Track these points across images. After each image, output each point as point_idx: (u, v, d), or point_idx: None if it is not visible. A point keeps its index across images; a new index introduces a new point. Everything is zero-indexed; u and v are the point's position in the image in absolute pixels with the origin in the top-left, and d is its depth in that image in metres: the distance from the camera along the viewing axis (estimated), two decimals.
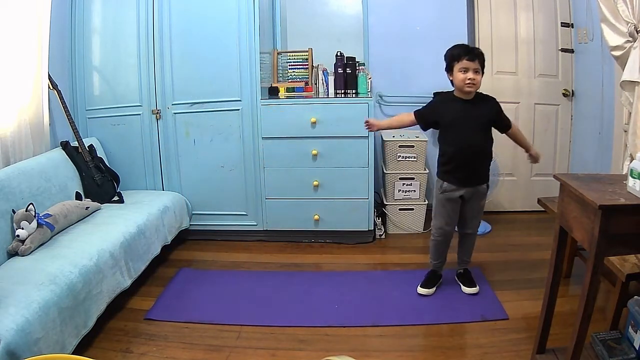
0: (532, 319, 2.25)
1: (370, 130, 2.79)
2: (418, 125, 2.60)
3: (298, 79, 3.56)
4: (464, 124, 2.43)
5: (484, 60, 2.41)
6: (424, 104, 2.59)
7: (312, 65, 3.53)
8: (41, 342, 1.76)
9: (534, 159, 2.60)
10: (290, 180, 3.27)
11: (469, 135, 2.42)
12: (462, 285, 2.65)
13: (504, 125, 2.54)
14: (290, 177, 3.26)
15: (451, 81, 2.46)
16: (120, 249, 2.44)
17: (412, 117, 2.57)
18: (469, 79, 2.34)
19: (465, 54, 2.36)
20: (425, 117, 2.54)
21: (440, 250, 2.64)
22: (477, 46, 3.67)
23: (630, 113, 2.51)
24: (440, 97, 2.60)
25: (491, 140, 2.50)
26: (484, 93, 2.50)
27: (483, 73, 2.43)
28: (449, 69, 2.44)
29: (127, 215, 2.75)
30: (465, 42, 3.65)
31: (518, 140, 2.61)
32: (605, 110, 3.16)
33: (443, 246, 2.63)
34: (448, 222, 2.56)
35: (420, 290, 2.61)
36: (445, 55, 2.47)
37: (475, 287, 2.62)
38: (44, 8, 2.82)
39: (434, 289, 2.63)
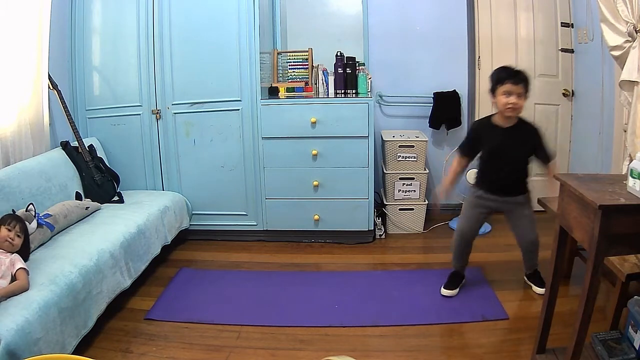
0: (532, 319, 2.24)
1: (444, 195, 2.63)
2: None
3: (298, 79, 3.56)
4: (504, 154, 2.41)
5: (528, 84, 2.36)
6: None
7: (312, 65, 3.53)
8: (41, 342, 1.76)
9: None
10: (290, 180, 3.27)
11: (507, 161, 2.42)
12: (532, 286, 2.62)
13: (543, 158, 2.45)
14: (290, 177, 3.26)
15: (494, 104, 2.43)
16: (120, 249, 2.44)
17: (460, 160, 2.53)
18: (511, 103, 2.30)
19: (509, 77, 2.31)
20: (470, 154, 2.53)
21: (460, 252, 2.63)
22: (476, 46, 3.68)
23: (629, 113, 2.51)
24: (478, 125, 2.56)
25: (527, 162, 2.48)
26: (527, 120, 2.46)
27: (527, 97, 2.38)
28: (493, 92, 2.39)
29: (127, 215, 2.75)
30: (466, 43, 3.69)
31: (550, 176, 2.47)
32: (605, 110, 3.16)
33: (462, 248, 2.62)
34: (470, 226, 2.57)
35: (444, 291, 2.59)
36: (490, 77, 2.43)
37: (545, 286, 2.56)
38: (44, 8, 2.82)
39: (457, 290, 2.62)
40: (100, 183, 3.03)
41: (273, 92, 3.45)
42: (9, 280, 1.89)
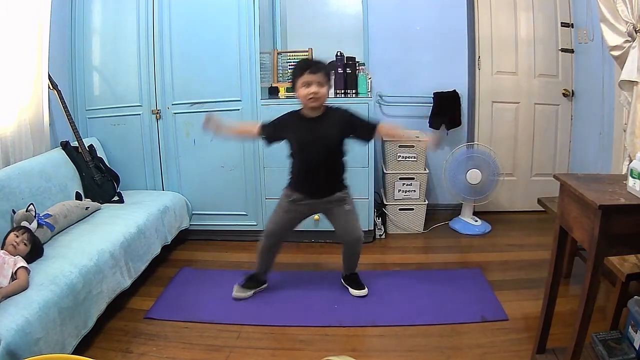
0: (532, 319, 2.24)
1: (209, 127, 2.42)
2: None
3: None
4: (309, 144, 2.34)
5: (328, 74, 2.31)
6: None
7: None
8: (41, 342, 1.76)
9: (434, 143, 2.40)
10: None
11: (314, 154, 2.34)
12: (349, 288, 2.60)
13: (366, 131, 2.38)
14: None
15: (298, 98, 2.35)
16: (120, 249, 2.44)
17: (257, 129, 2.42)
18: (312, 92, 2.23)
19: (306, 68, 2.24)
20: (269, 133, 2.42)
21: (264, 256, 2.59)
22: (476, 46, 3.68)
23: (629, 113, 2.51)
24: (289, 115, 2.43)
25: (341, 154, 2.42)
26: (334, 106, 2.38)
27: (330, 86, 2.32)
28: (294, 87, 2.32)
29: (127, 215, 2.75)
30: (466, 43, 3.69)
31: (395, 134, 2.42)
32: (605, 110, 3.16)
33: (267, 253, 2.58)
34: (279, 231, 2.52)
35: (235, 290, 2.58)
36: (291, 74, 2.33)
37: (364, 289, 2.57)
38: (44, 8, 2.82)
39: (252, 292, 2.60)
40: (100, 183, 3.03)
41: (273, 92, 3.44)
42: (9, 278, 1.90)
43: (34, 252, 2.15)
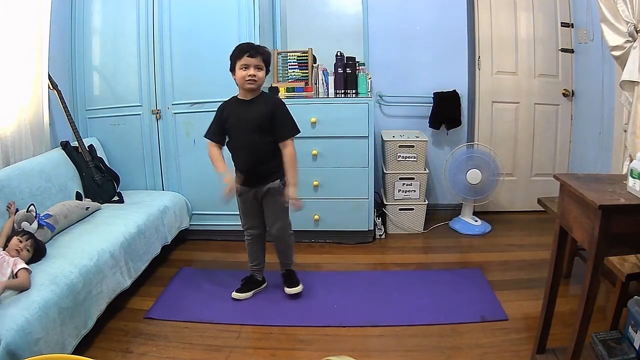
0: (532, 319, 2.25)
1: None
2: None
3: (298, 79, 3.56)
4: (241, 126, 2.36)
5: (268, 58, 2.35)
6: None
7: (312, 65, 3.53)
8: (41, 342, 1.76)
9: (288, 199, 2.39)
10: None
11: (244, 136, 2.35)
12: (284, 286, 2.63)
13: (278, 134, 2.36)
14: None
15: (235, 81, 2.38)
16: (120, 249, 2.44)
17: (211, 144, 2.43)
18: (250, 75, 2.28)
19: (246, 51, 2.29)
20: (216, 134, 2.43)
21: (252, 251, 2.64)
22: (476, 46, 3.68)
23: (629, 113, 2.51)
24: (222, 105, 2.47)
25: (267, 137, 2.37)
26: (274, 96, 2.36)
27: (268, 71, 2.36)
28: (233, 70, 2.36)
29: (127, 215, 2.75)
30: (466, 43, 3.69)
31: (285, 168, 2.38)
32: (605, 110, 3.16)
33: (254, 247, 2.63)
34: (252, 223, 2.57)
35: (234, 295, 2.59)
36: (230, 57, 2.36)
37: (297, 286, 2.59)
38: (44, 8, 2.82)
39: (251, 293, 2.62)
40: (100, 183, 3.03)
41: (273, 92, 3.44)
42: (8, 277, 1.90)
43: (37, 256, 2.15)
